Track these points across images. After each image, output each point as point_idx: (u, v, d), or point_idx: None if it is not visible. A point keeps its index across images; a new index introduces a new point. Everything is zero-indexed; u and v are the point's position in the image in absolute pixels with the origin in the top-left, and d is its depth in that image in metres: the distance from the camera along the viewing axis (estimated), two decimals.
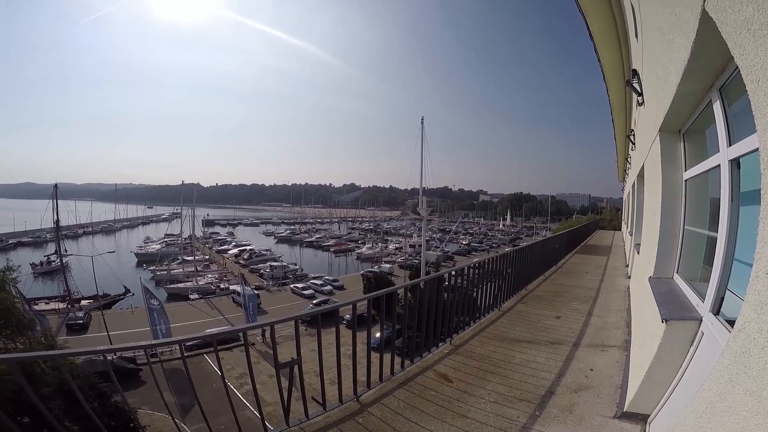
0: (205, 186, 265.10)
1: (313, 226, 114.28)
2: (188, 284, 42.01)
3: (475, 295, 5.60)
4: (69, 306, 33.06)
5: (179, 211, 69.78)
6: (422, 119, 35.47)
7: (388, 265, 52.72)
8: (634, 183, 8.17)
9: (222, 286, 42.08)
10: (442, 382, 3.79)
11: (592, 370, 4.08)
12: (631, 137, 7.06)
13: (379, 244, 71.84)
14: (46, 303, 33.06)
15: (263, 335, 25.39)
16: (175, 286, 42.01)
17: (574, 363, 4.26)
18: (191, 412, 15.41)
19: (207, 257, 58.76)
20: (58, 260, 40.66)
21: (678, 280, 2.85)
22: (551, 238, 11.30)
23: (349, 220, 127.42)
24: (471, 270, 5.37)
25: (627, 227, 13.64)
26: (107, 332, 25.57)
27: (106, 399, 13.00)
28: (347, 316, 24.31)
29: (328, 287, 41.70)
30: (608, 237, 21.66)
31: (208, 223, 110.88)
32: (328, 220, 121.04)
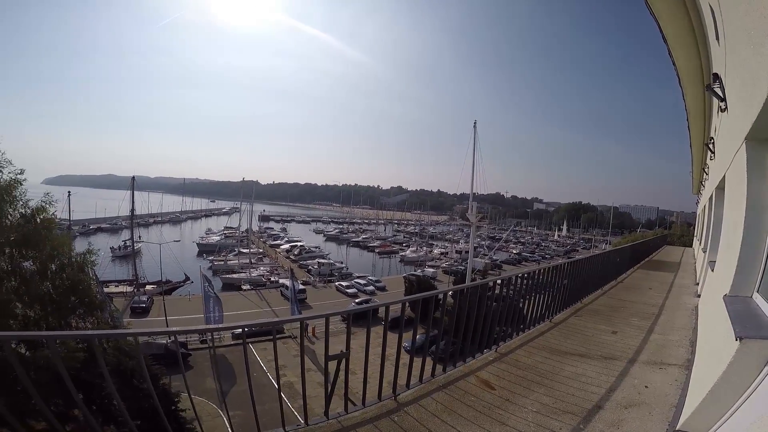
0: (262, 183, 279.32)
1: (360, 226, 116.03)
2: (242, 275, 44.62)
3: (523, 305, 5.49)
4: (135, 290, 36.45)
5: (239, 205, 74.47)
6: (474, 123, 34.89)
7: (431, 270, 52.26)
8: (711, 195, 7.49)
9: (272, 279, 44.22)
10: (483, 388, 3.77)
11: (647, 387, 3.90)
12: (710, 146, 6.48)
13: (424, 248, 71.42)
14: (116, 286, 36.48)
15: (307, 329, 26.54)
16: (229, 276, 44.79)
17: (628, 379, 4.09)
18: (227, 398, 16.27)
19: (261, 251, 62.12)
20: (127, 247, 45.39)
21: (757, 298, 2.63)
22: (612, 252, 10.75)
23: (395, 223, 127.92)
24: (520, 280, 5.26)
25: (700, 243, 12.49)
26: (165, 317, 27.88)
27: (155, 381, 14.04)
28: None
29: (371, 287, 42.25)
30: (677, 253, 19.94)
31: (264, 218, 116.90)
32: (375, 221, 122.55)
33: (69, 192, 41.79)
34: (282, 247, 68.50)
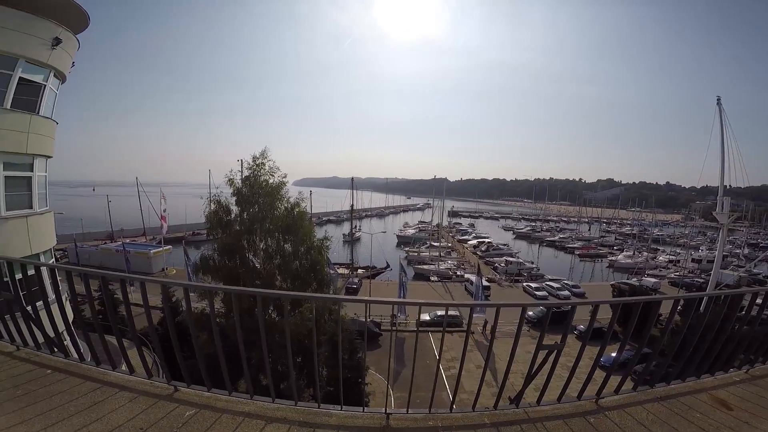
0: (451, 180, 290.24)
1: (557, 224, 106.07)
2: (431, 267, 47.92)
3: None
4: (351, 272, 44.07)
5: (430, 202, 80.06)
6: (718, 99, 26.37)
7: (652, 280, 42.61)
8: None
9: (458, 273, 45.67)
10: (716, 407, 3.22)
11: None
12: None
13: (644, 253, 58.79)
14: (338, 268, 44.62)
15: (484, 327, 26.97)
16: (420, 266, 48.83)
17: None
18: (398, 381, 17.71)
19: (450, 245, 65.03)
20: (354, 235, 55.65)
21: None
22: None
23: (604, 222, 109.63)
24: None
25: None
26: (370, 298, 32.50)
27: (354, 353, 16.66)
28: (580, 327, 21.87)
29: (566, 292, 37.95)
30: None
31: (453, 214, 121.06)
32: (576, 219, 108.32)
33: (311, 191, 54.47)
34: (469, 242, 69.72)
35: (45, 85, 10.38)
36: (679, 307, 3.89)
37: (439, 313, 26.88)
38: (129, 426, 2.40)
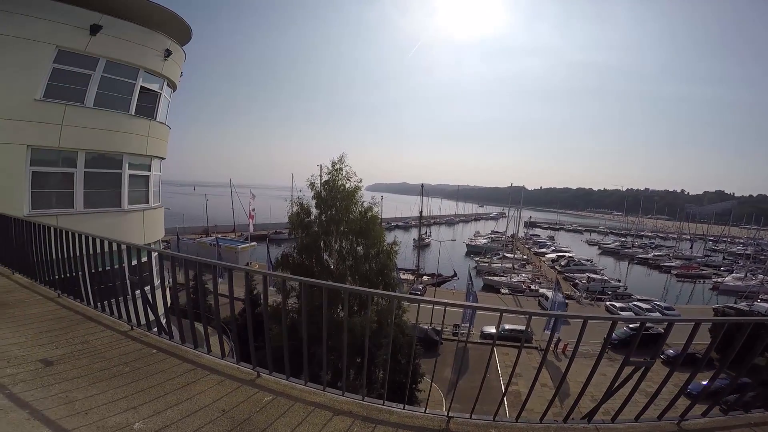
0: (529, 189, 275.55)
1: (652, 240, 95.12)
2: (503, 279, 45.72)
3: None
4: (415, 278, 43.88)
5: (505, 211, 76.83)
6: None
7: (767, 305, 36.03)
8: None
9: (532, 287, 42.99)
10: None
11: None
12: None
13: (759, 276, 49.86)
14: (403, 273, 44.72)
15: (557, 345, 25.50)
16: (491, 278, 46.77)
17: None
18: (455, 391, 16.96)
19: (525, 257, 61.51)
20: (423, 241, 55.24)
21: None
22: None
23: (710, 239, 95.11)
24: None
25: None
26: (432, 306, 32.11)
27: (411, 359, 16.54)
28: (669, 351, 19.25)
29: (656, 314, 33.40)
30: None
31: (530, 224, 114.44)
32: (675, 235, 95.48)
33: (382, 196, 55.69)
34: (548, 255, 65.27)
35: (160, 93, 11.62)
36: None
37: (507, 326, 25.65)
38: (213, 407, 2.56)
